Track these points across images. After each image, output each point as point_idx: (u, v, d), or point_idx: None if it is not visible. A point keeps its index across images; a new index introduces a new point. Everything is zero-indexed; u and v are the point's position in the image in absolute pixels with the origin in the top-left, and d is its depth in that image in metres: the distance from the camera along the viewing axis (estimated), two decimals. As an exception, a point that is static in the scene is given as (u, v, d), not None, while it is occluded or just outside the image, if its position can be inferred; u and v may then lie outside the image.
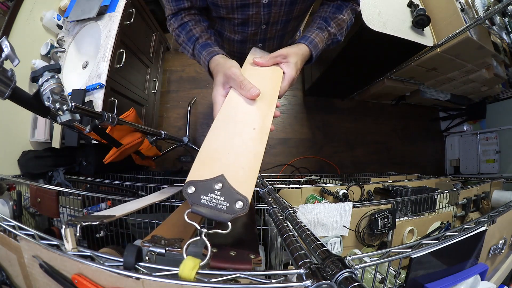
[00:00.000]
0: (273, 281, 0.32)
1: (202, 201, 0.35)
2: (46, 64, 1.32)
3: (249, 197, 0.36)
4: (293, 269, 0.31)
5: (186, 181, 0.36)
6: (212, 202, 0.35)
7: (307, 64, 0.65)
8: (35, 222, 1.04)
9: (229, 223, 0.34)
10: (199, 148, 0.41)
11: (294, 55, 0.58)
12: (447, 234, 0.52)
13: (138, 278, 0.30)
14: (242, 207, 0.35)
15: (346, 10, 0.67)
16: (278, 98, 0.55)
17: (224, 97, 0.51)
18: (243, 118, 0.46)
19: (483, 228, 0.55)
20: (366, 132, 2.34)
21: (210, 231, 0.34)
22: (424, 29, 1.42)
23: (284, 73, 0.57)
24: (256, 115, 0.47)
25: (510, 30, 1.50)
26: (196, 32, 0.63)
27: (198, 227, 0.35)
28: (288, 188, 1.12)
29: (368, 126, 2.35)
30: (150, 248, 0.35)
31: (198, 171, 0.38)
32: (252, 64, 0.59)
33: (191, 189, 0.36)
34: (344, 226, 0.82)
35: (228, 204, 0.35)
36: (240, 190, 0.36)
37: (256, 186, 0.43)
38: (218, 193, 0.36)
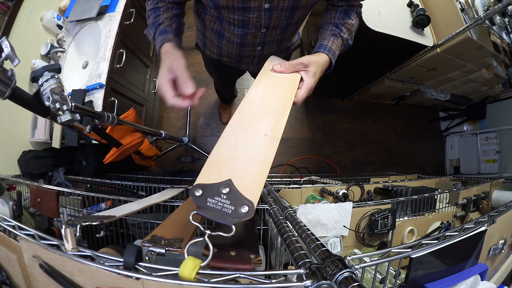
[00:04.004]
0: (273, 281, 0.32)
1: (208, 203, 0.35)
2: (46, 64, 1.32)
3: (255, 202, 0.36)
4: (293, 269, 0.31)
5: (194, 184, 0.37)
6: (218, 205, 0.35)
7: (326, 72, 0.65)
8: (35, 222, 1.04)
9: (233, 227, 0.34)
10: (199, 148, 0.42)
11: (315, 64, 0.59)
12: (447, 234, 0.52)
13: (138, 278, 0.30)
14: (248, 212, 0.35)
15: (352, 14, 0.68)
16: (295, 105, 0.56)
17: (169, 82, 0.55)
18: (255, 124, 0.47)
19: (483, 228, 0.55)
20: (366, 132, 2.34)
21: (213, 233, 0.35)
22: (424, 29, 1.42)
23: (303, 81, 0.58)
24: (269, 121, 0.48)
25: (510, 30, 1.50)
26: (161, 18, 0.65)
27: (202, 228, 0.35)
28: (288, 188, 1.12)
29: (368, 126, 2.35)
30: (150, 248, 0.35)
31: (207, 175, 0.38)
32: (270, 71, 0.60)
33: (199, 192, 0.36)
34: (344, 226, 0.82)
35: (233, 208, 0.35)
36: (247, 195, 0.36)
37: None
38: (225, 197, 0.36)
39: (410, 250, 0.47)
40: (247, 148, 0.43)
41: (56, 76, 0.65)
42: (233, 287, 0.31)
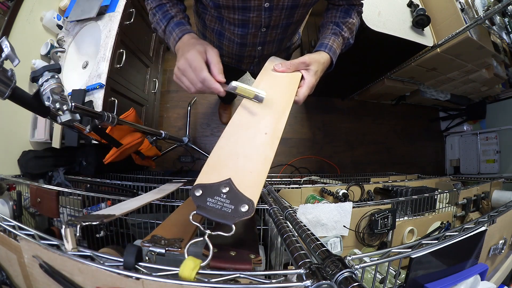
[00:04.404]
0: (273, 281, 0.32)
1: (208, 203, 0.35)
2: (46, 64, 1.32)
3: (255, 201, 0.36)
4: (293, 269, 0.31)
5: (194, 184, 0.37)
6: (218, 204, 0.35)
7: (327, 71, 0.65)
8: (35, 222, 1.04)
9: (233, 226, 0.34)
10: (199, 148, 0.42)
11: (316, 63, 0.59)
12: (447, 234, 0.52)
13: (138, 278, 0.30)
14: (248, 211, 0.35)
15: (353, 13, 0.68)
16: (297, 104, 0.56)
17: (203, 59, 0.53)
18: (256, 124, 0.47)
19: (483, 228, 0.55)
20: (366, 132, 2.34)
21: (213, 232, 0.34)
22: (424, 29, 1.42)
23: (304, 79, 0.58)
24: (269, 120, 0.48)
25: (510, 30, 1.50)
26: (172, 12, 0.64)
27: (202, 228, 0.35)
28: (288, 188, 1.12)
29: (368, 126, 2.35)
30: (150, 248, 0.35)
31: (207, 174, 0.38)
32: (271, 71, 0.60)
33: (199, 192, 0.36)
34: (344, 226, 0.82)
35: (233, 207, 0.35)
36: (247, 194, 0.36)
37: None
38: (224, 196, 0.36)
39: (410, 250, 0.47)
40: (247, 147, 0.43)
41: (56, 76, 0.65)
42: (233, 287, 0.31)
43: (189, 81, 0.54)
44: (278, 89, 0.55)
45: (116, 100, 1.31)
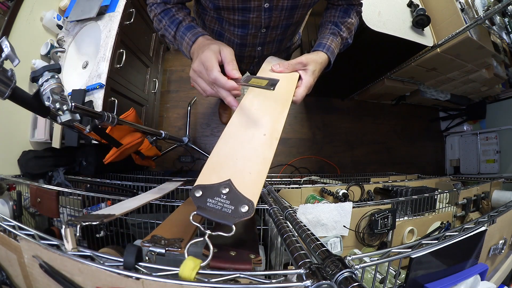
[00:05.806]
0: (273, 281, 0.32)
1: (208, 204, 0.36)
2: (46, 64, 1.32)
3: (255, 202, 0.36)
4: (293, 269, 0.31)
5: (194, 185, 0.37)
6: (218, 205, 0.36)
7: (325, 70, 0.65)
8: (35, 222, 1.04)
9: (233, 226, 0.34)
10: (199, 148, 0.42)
11: (313, 63, 0.59)
12: (447, 234, 0.52)
13: (138, 278, 0.30)
14: (247, 211, 0.35)
15: (352, 13, 0.68)
16: (295, 104, 0.56)
17: (216, 59, 0.51)
18: (254, 124, 0.47)
19: (483, 228, 0.55)
20: (366, 132, 2.34)
21: (213, 233, 0.35)
22: (424, 29, 1.42)
23: (301, 79, 0.58)
24: (268, 121, 0.48)
25: (510, 30, 1.50)
26: (180, 16, 0.63)
27: (202, 229, 0.35)
28: (288, 188, 1.12)
29: (368, 126, 2.35)
30: (150, 248, 0.35)
31: (207, 176, 0.39)
32: (269, 71, 0.60)
33: (199, 193, 0.36)
34: (344, 226, 0.82)
35: (233, 208, 0.35)
36: (246, 195, 0.36)
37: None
38: (224, 197, 0.36)
39: (410, 250, 0.47)
40: (246, 148, 0.43)
41: (56, 76, 0.65)
42: (233, 287, 0.31)
43: (204, 82, 0.52)
44: (276, 90, 0.55)
45: (116, 100, 1.31)
